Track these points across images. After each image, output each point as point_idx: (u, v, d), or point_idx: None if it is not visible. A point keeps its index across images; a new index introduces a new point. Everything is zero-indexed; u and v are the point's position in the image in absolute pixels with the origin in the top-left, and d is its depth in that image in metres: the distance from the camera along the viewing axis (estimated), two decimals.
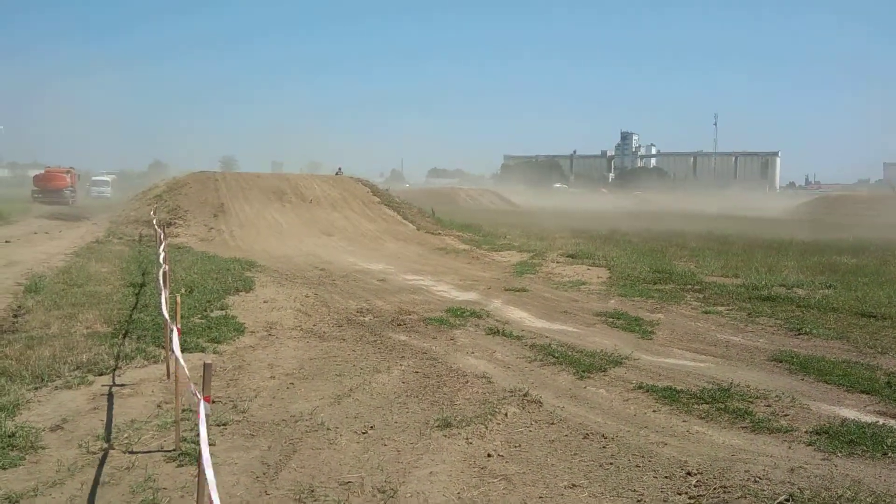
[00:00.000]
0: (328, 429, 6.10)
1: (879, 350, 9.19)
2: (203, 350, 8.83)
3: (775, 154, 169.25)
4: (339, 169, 49.07)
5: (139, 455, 5.42)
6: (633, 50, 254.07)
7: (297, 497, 4.76)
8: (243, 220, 27.56)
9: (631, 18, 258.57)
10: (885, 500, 4.66)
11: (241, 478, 5.08)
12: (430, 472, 5.15)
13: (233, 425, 6.19)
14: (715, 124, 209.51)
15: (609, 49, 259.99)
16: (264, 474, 5.15)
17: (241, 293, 13.02)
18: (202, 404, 3.65)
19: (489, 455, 5.51)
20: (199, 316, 10.73)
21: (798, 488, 4.79)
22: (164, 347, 8.11)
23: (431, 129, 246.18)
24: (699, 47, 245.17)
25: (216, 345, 9.12)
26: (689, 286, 14.74)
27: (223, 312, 11.11)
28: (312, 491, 4.85)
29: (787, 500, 4.51)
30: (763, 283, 14.83)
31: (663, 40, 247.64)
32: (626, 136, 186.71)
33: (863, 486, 4.87)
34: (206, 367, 3.91)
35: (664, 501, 4.65)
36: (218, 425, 6.13)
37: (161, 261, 11.22)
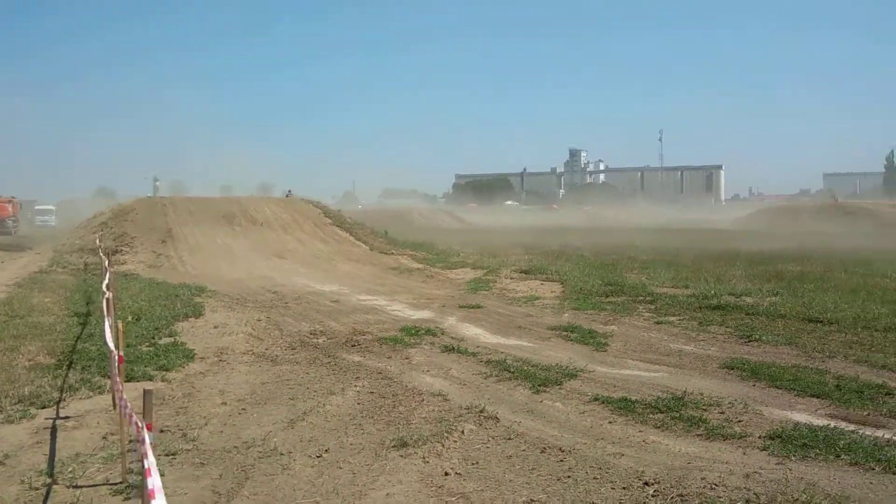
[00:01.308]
0: (281, 454, 5.95)
1: (827, 354, 9.38)
2: (151, 378, 8.58)
3: (719, 167, 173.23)
4: (290, 191, 48.61)
5: (84, 489, 5.21)
6: (579, 68, 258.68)
7: None
8: (193, 244, 27.05)
9: (575, 39, 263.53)
10: (839, 503, 4.72)
11: None
12: (387, 494, 5.06)
13: (182, 454, 6.00)
14: (660, 139, 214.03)
15: (556, 67, 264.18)
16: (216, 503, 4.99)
17: (190, 319, 12.74)
18: (145, 433, 3.51)
19: (446, 473, 5.43)
20: (147, 344, 10.45)
21: (754, 493, 4.83)
22: (109, 377, 7.86)
23: (384, 149, 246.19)
24: (643, 64, 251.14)
25: (165, 372, 8.88)
26: (641, 298, 14.90)
27: (172, 339, 10.84)
28: None
29: None
30: (712, 292, 15.08)
31: (608, 58, 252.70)
32: (574, 153, 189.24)
33: (818, 489, 4.92)
34: (146, 393, 3.77)
35: None
36: (166, 455, 5.94)
37: (105, 288, 10.91)
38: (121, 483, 5.26)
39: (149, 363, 9.25)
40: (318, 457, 5.88)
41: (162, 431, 6.59)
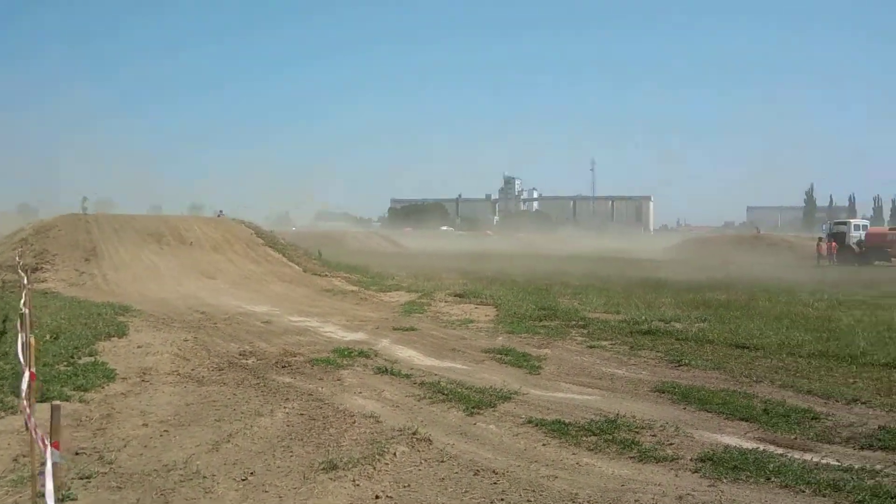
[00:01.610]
0: (204, 477, 5.69)
1: (754, 379, 9.57)
2: (68, 399, 8.13)
3: (648, 198, 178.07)
4: (221, 212, 47.73)
5: None
6: (513, 97, 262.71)
7: None
8: (118, 263, 26.10)
9: (509, 69, 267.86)
10: None
11: None
12: None
13: (98, 477, 5.67)
14: (592, 169, 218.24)
15: (492, 96, 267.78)
16: None
17: (113, 339, 12.21)
18: (49, 451, 3.25)
19: (377, 497, 5.28)
20: (65, 363, 9.93)
21: None
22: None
23: (317, 173, 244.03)
24: (575, 95, 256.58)
25: (83, 392, 8.44)
26: (574, 322, 15.02)
27: (92, 359, 10.34)
28: None
29: None
30: (643, 318, 15.30)
31: (543, 90, 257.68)
32: (509, 181, 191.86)
33: None
34: (53, 408, 3.51)
35: None
36: (81, 478, 5.61)
37: (21, 304, 10.38)
38: None
39: (66, 383, 8.77)
40: (243, 480, 5.64)
41: (77, 454, 6.25)
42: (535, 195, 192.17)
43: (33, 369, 5.78)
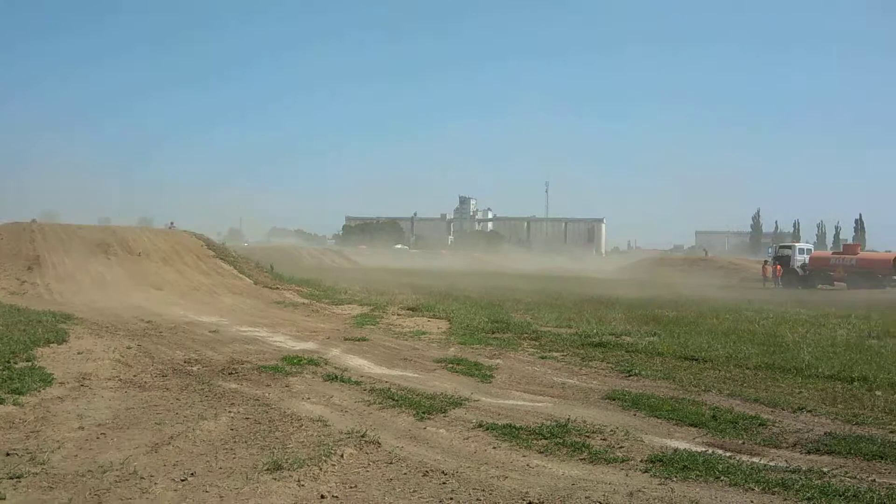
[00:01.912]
0: (141, 478, 5.46)
1: (703, 388, 9.65)
2: (1, 401, 7.78)
3: (600, 221, 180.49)
4: (172, 223, 46.84)
5: None
6: (469, 116, 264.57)
7: None
8: (62, 273, 25.33)
9: (467, 89, 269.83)
10: None
11: None
12: None
13: (29, 478, 5.41)
14: (546, 191, 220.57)
15: (447, 115, 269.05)
16: None
17: (52, 345, 11.75)
18: None
19: (322, 496, 5.12)
20: (0, 367, 9.54)
21: None
22: None
23: (272, 189, 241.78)
24: (532, 119, 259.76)
25: (17, 396, 8.06)
26: (526, 335, 15.02)
27: (29, 364, 9.94)
28: None
29: None
30: (594, 331, 15.39)
31: (498, 110, 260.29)
32: (464, 201, 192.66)
33: None
34: None
35: None
36: (11, 478, 5.35)
37: None
38: None
39: (0, 386, 8.42)
40: (182, 480, 5.43)
41: (8, 454, 5.97)
42: (490, 215, 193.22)
43: None
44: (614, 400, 8.79)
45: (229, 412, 7.71)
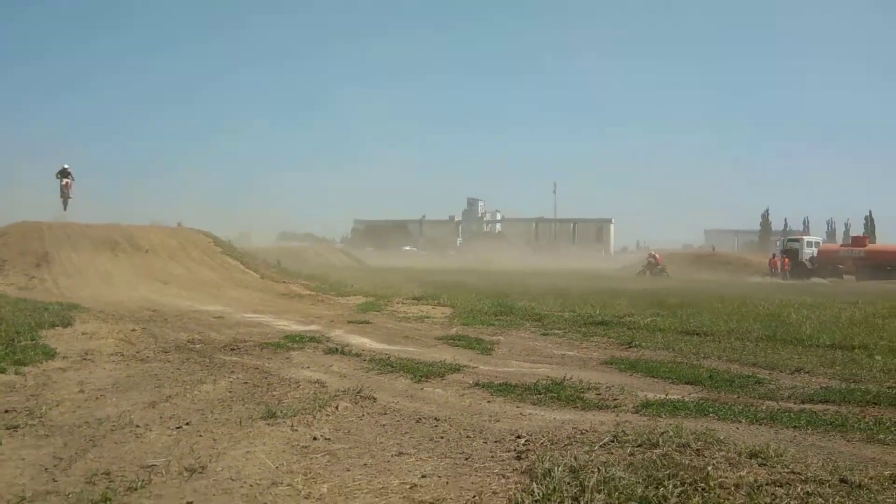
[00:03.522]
0: (137, 426, 5.53)
1: (702, 356, 9.66)
2: (3, 371, 7.88)
3: (609, 221, 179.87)
4: (180, 223, 46.97)
5: None
6: (477, 119, 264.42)
7: (89, 479, 4.22)
8: (70, 269, 25.52)
9: (472, 91, 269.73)
10: (705, 437, 4.71)
11: (27, 470, 4.47)
12: (247, 452, 4.75)
13: (25, 428, 5.48)
14: (554, 192, 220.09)
15: (456, 118, 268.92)
16: (55, 466, 4.55)
17: (57, 328, 11.83)
18: None
19: (315, 438, 5.16)
20: (3, 346, 9.63)
21: (623, 431, 4.81)
22: None
23: (281, 193, 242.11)
24: (540, 121, 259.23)
25: (19, 366, 8.16)
26: (529, 317, 15.05)
27: (33, 342, 10.05)
28: (108, 474, 4.32)
29: (612, 441, 4.49)
30: (598, 313, 15.39)
31: (506, 112, 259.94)
32: (472, 203, 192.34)
33: (684, 428, 4.93)
34: None
35: (491, 457, 4.51)
36: (7, 428, 5.42)
37: None
38: None
39: (2, 359, 8.50)
40: (177, 428, 5.49)
41: (7, 412, 6.05)
42: (499, 217, 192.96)
43: None
44: (612, 364, 8.84)
45: (228, 378, 7.77)
